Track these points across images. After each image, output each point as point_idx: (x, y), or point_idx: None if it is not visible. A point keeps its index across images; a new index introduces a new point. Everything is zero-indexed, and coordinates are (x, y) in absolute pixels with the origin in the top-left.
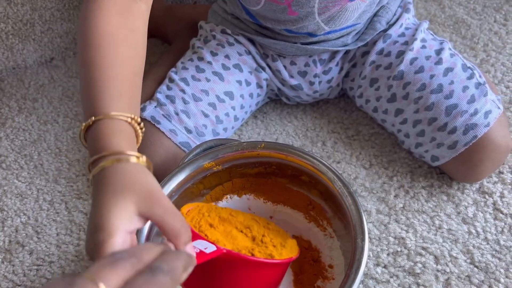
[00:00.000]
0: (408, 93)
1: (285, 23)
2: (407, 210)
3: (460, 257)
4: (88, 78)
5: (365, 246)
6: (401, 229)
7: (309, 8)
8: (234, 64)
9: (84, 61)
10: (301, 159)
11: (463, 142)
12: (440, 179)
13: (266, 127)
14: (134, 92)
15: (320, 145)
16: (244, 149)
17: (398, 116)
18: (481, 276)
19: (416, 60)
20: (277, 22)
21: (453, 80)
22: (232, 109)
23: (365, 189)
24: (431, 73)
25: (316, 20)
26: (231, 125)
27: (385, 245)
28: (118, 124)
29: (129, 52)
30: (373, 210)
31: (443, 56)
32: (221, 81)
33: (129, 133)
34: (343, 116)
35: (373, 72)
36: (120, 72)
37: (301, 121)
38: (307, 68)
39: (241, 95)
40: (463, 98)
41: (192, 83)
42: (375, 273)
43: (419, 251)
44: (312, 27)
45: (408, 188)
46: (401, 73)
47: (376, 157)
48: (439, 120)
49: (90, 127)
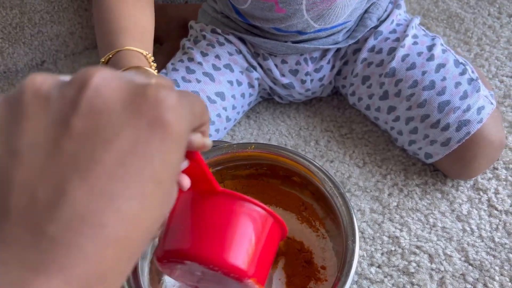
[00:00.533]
0: (400, 90)
1: (273, 21)
2: (401, 208)
3: (455, 255)
4: (104, 27)
5: (355, 248)
6: (395, 228)
7: (297, 5)
8: (225, 64)
9: (99, 17)
10: (291, 160)
11: (456, 139)
12: (434, 177)
13: (259, 127)
14: (146, 41)
15: (313, 144)
16: (234, 151)
17: (391, 114)
18: (475, 274)
19: (407, 56)
20: (266, 20)
21: (445, 76)
22: (224, 109)
23: (358, 188)
24: (423, 69)
25: (305, 18)
26: (223, 126)
27: (379, 245)
28: (136, 55)
29: (137, 13)
30: (367, 209)
31: (435, 52)
32: (212, 81)
33: (146, 63)
34: (336, 114)
35: (365, 69)
36: (133, 24)
37: (294, 120)
38: (298, 67)
39: (233, 96)
40: (456, 94)
41: (183, 84)
42: (369, 273)
43: (413, 250)
44: (301, 25)
45: (402, 186)
46: (393, 70)
47: (369, 155)
48: (432, 117)
49: (110, 60)
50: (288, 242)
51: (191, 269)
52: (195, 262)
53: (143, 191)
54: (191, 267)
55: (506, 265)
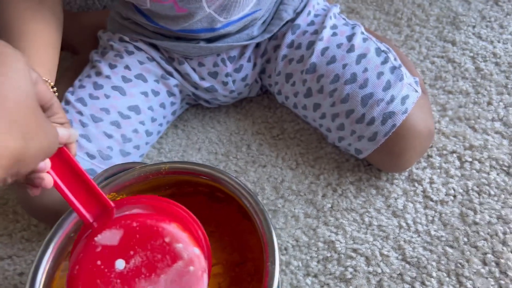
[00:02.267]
0: (323, 86)
1: (177, 20)
2: (335, 209)
3: (392, 255)
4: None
5: (275, 270)
6: (331, 231)
7: (197, 3)
8: (136, 75)
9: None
10: (210, 178)
11: (382, 133)
12: (368, 172)
13: (187, 136)
14: (49, 60)
15: (245, 149)
16: (147, 173)
17: (317, 111)
18: (413, 273)
19: (327, 50)
20: (171, 20)
21: (367, 67)
22: (141, 124)
23: (292, 192)
24: (343, 62)
25: (208, 12)
26: (144, 141)
27: (314, 252)
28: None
29: (38, 26)
30: (301, 214)
31: (355, 42)
32: (123, 95)
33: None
34: (267, 115)
35: (286, 66)
36: (32, 41)
37: (224, 125)
38: (217, 68)
39: (150, 107)
40: (379, 86)
41: (90, 102)
42: (305, 285)
43: (349, 254)
44: (206, 20)
45: (335, 186)
46: (313, 65)
47: (302, 155)
48: (356, 111)
49: None
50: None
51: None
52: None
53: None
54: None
55: (443, 259)
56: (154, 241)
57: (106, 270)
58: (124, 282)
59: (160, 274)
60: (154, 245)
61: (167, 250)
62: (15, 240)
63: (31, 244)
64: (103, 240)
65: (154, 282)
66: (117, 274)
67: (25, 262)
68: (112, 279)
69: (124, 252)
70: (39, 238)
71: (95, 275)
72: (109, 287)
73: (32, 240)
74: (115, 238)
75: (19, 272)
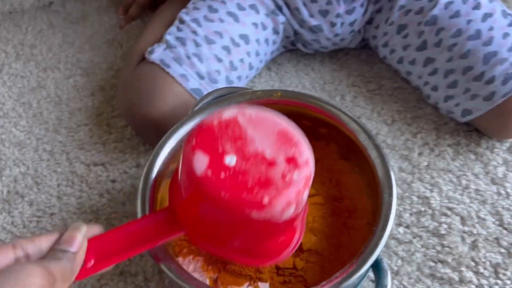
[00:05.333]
0: (441, 39)
1: None
2: (431, 168)
3: (488, 219)
4: None
5: (392, 201)
6: (425, 188)
7: None
8: (250, 5)
9: None
10: (321, 109)
11: (501, 93)
12: (467, 137)
13: (280, 79)
14: None
15: (339, 99)
16: (259, 98)
17: (428, 66)
18: (510, 239)
19: (451, 4)
20: None
21: (493, 26)
22: (247, 55)
23: (387, 146)
24: (468, 18)
25: None
26: (245, 74)
27: (408, 205)
28: None
29: None
30: (396, 168)
31: (482, 1)
32: (236, 22)
33: None
34: (364, 69)
35: (402, 17)
36: None
37: (318, 74)
38: (329, 7)
39: (257, 40)
40: (504, 46)
41: (205, 24)
42: (397, 233)
43: (444, 212)
44: None
45: (433, 146)
46: (434, 18)
47: (399, 113)
48: (475, 69)
49: None
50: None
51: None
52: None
53: None
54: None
55: None
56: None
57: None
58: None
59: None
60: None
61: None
62: (109, 150)
63: (124, 155)
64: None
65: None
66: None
67: (118, 171)
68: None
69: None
70: (131, 151)
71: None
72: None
73: (125, 152)
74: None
75: (111, 179)
